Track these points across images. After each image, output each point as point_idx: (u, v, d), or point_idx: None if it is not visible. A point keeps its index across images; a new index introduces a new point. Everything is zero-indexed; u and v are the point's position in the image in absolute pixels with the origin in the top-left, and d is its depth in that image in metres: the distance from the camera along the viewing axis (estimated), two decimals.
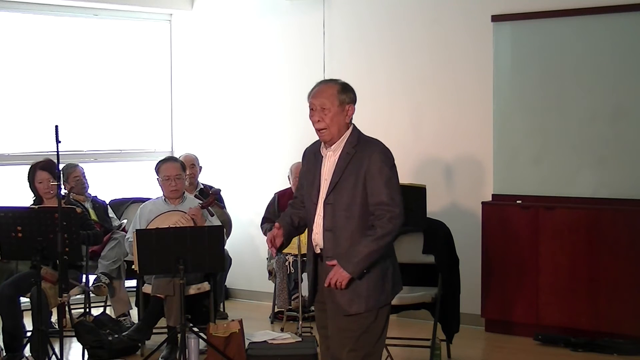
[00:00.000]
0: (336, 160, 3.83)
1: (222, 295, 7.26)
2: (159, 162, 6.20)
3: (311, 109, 3.83)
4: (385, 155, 3.79)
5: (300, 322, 6.24)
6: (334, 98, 3.80)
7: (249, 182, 7.86)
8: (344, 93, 3.83)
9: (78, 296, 6.45)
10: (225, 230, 5.98)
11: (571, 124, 6.32)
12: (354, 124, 3.89)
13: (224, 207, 7.19)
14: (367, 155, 3.77)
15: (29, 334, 5.79)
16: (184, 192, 6.22)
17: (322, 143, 3.90)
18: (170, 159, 6.30)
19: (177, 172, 6.11)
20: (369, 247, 3.72)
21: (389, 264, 3.85)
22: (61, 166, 5.43)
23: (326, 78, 4.10)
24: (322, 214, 3.83)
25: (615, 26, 6.14)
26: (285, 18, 7.64)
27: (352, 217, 3.77)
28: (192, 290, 5.97)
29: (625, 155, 6.15)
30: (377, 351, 3.89)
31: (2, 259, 5.75)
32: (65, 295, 5.29)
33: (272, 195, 7.07)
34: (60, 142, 5.02)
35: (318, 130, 3.84)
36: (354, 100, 3.86)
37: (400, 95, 7.07)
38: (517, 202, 6.40)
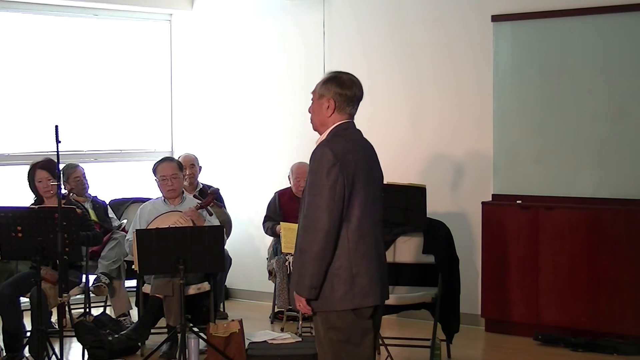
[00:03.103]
0: None
1: (222, 295, 7.26)
2: (156, 162, 6.22)
3: None
4: (314, 158, 3.59)
5: (300, 322, 6.24)
6: (316, 90, 3.74)
7: (249, 182, 7.86)
8: (324, 85, 3.71)
9: (78, 296, 6.46)
10: (225, 230, 5.99)
11: (571, 124, 6.32)
12: (341, 123, 3.68)
13: (223, 206, 7.19)
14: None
15: (29, 334, 5.79)
16: (183, 192, 6.23)
17: None
18: (167, 159, 6.30)
19: (174, 172, 6.11)
20: (296, 264, 3.62)
21: (342, 272, 3.56)
22: (61, 166, 5.43)
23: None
24: None
25: (615, 26, 6.14)
26: (285, 18, 7.64)
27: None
28: (192, 290, 5.97)
29: (625, 155, 6.15)
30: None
31: (2, 259, 5.75)
32: (65, 295, 5.29)
33: (273, 195, 7.08)
34: (60, 142, 5.03)
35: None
36: (337, 94, 3.66)
37: (400, 95, 7.06)
38: (517, 202, 6.40)
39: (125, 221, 7.01)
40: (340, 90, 3.69)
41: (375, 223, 3.68)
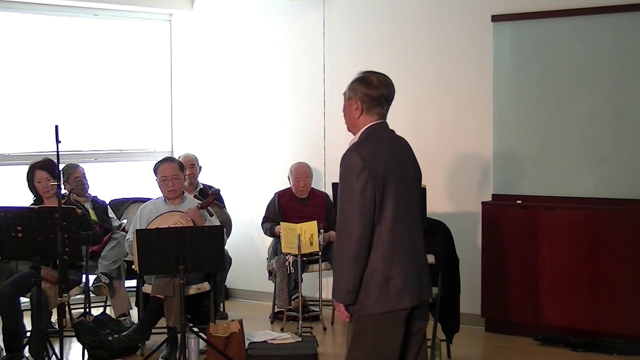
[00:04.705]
0: None
1: (222, 295, 7.26)
2: (157, 162, 6.22)
3: None
4: (343, 163, 3.60)
5: (300, 322, 6.25)
6: (345, 91, 3.75)
7: (249, 182, 7.86)
8: (351, 87, 3.73)
9: (78, 296, 6.46)
10: (225, 230, 5.99)
11: (571, 124, 6.33)
12: (372, 124, 3.69)
13: (223, 207, 7.19)
14: None
15: (29, 334, 5.79)
16: (183, 192, 6.23)
17: None
18: (168, 160, 6.31)
19: (175, 173, 6.12)
20: (333, 270, 3.65)
21: (376, 275, 3.56)
22: (61, 166, 5.43)
23: (356, 76, 3.88)
24: None
25: (615, 26, 6.14)
26: (285, 18, 7.64)
27: None
28: (192, 290, 5.97)
29: (625, 155, 6.15)
30: None
31: (2, 259, 5.76)
32: (65, 295, 5.29)
33: (272, 195, 7.08)
34: (60, 142, 5.03)
35: None
36: (364, 95, 3.68)
37: (400, 95, 6.92)
38: (517, 202, 6.40)
39: (125, 221, 7.01)
40: (367, 91, 3.71)
41: (411, 223, 3.66)
